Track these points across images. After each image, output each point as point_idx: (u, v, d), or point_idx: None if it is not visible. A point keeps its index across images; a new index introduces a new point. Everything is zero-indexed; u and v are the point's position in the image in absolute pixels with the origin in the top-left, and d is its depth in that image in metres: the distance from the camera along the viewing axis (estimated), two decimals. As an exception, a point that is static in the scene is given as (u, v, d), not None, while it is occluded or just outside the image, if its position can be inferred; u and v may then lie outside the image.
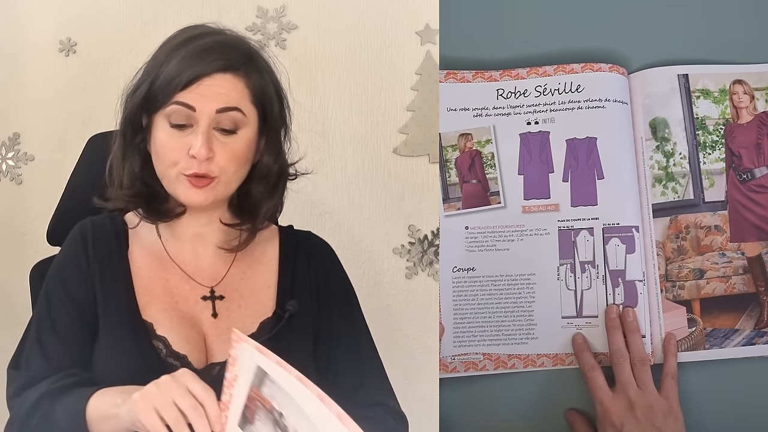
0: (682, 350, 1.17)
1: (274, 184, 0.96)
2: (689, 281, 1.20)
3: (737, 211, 1.22)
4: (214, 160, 0.89)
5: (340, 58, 1.38)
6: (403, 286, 1.36)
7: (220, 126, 0.90)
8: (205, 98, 0.89)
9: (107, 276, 0.95)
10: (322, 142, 1.38)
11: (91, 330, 0.93)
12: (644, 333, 1.16)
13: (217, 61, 0.89)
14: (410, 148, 1.35)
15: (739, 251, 1.22)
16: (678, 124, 1.23)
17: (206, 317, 0.95)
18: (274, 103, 0.95)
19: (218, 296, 0.96)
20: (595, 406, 1.12)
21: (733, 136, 1.24)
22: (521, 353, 1.15)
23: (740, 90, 1.24)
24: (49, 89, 1.47)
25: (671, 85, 1.23)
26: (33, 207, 1.47)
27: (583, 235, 1.18)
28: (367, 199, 1.37)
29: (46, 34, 1.48)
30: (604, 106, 1.20)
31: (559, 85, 1.21)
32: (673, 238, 1.21)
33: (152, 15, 1.43)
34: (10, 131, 1.50)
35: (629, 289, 1.17)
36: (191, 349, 0.93)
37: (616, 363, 1.12)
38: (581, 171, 1.19)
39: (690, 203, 1.22)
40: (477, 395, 1.14)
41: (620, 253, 1.18)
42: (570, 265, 1.17)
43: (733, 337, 1.19)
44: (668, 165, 1.22)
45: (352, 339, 1.00)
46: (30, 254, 1.36)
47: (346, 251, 1.35)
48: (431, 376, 1.19)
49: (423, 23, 1.35)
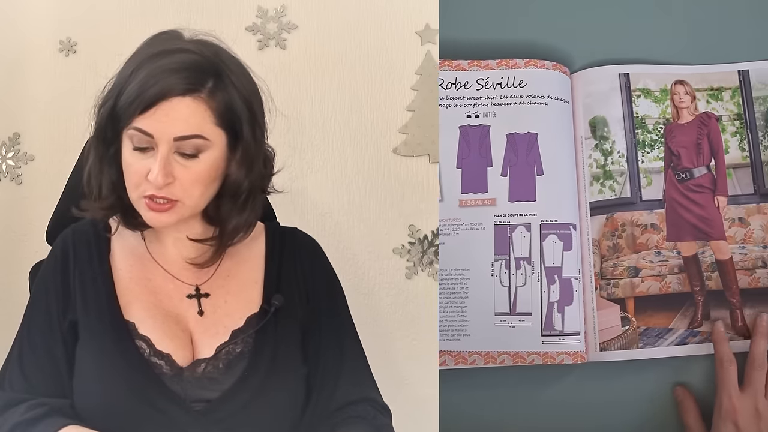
0: (614, 349, 1.17)
1: (244, 200, 0.94)
2: (624, 279, 1.20)
3: (675, 210, 1.22)
4: (175, 184, 0.88)
5: (340, 58, 1.38)
6: (403, 286, 1.36)
7: (181, 150, 0.88)
8: (163, 125, 0.87)
9: (87, 280, 0.95)
10: (322, 142, 1.38)
11: (71, 348, 0.93)
12: (578, 331, 1.15)
13: (178, 85, 0.86)
14: (410, 148, 1.35)
15: (675, 250, 1.22)
16: (617, 123, 1.23)
17: (192, 314, 0.95)
18: (244, 119, 0.92)
19: (204, 293, 0.96)
20: (720, 398, 1.12)
21: (673, 136, 1.24)
22: (453, 350, 1.15)
23: (681, 90, 1.25)
24: (49, 89, 1.47)
25: (612, 84, 1.24)
26: (33, 207, 1.47)
27: (520, 231, 1.17)
28: (367, 199, 1.37)
29: (46, 34, 1.47)
30: (546, 102, 1.20)
31: (502, 79, 1.21)
32: (609, 235, 1.21)
33: (153, 15, 1.42)
34: (10, 131, 1.49)
35: (565, 286, 1.16)
36: (175, 347, 0.92)
37: (755, 368, 1.13)
38: (521, 166, 1.19)
39: (627, 201, 1.22)
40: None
41: (557, 250, 1.17)
42: (505, 261, 1.17)
43: (666, 336, 1.19)
44: (606, 163, 1.22)
45: (337, 333, 1.01)
46: (30, 254, 1.36)
47: (346, 251, 1.35)
48: (431, 376, 1.19)
49: (423, 23, 1.35)
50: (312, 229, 1.08)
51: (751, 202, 1.23)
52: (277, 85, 1.38)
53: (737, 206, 1.23)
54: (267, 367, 0.93)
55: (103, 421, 0.88)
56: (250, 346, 0.94)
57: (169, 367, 0.91)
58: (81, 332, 0.93)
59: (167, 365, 0.91)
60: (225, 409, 0.91)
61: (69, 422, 0.87)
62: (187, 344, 0.94)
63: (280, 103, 1.38)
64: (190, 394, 0.91)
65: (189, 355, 0.93)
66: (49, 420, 0.87)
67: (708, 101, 1.25)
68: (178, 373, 0.91)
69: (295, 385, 0.96)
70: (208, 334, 0.94)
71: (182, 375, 0.91)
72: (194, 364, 0.93)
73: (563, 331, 1.14)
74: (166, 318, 0.94)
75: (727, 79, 1.26)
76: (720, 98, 1.25)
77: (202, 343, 0.94)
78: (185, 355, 0.93)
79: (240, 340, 0.94)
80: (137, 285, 0.96)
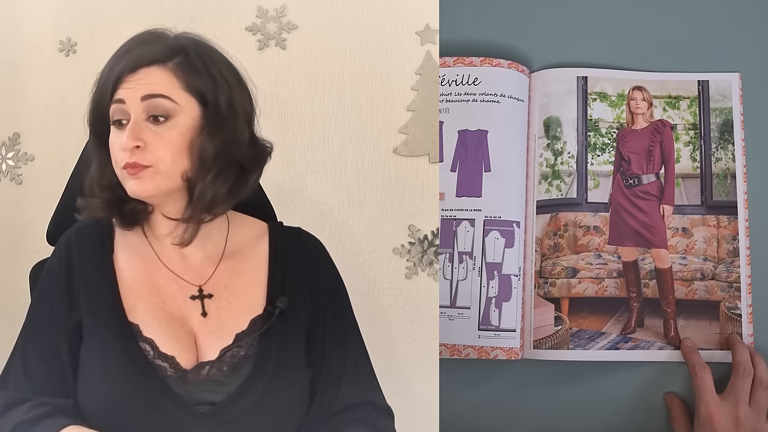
0: (545, 348, 1.18)
1: (209, 169, 0.93)
2: (561, 279, 1.21)
3: (619, 214, 1.22)
4: (147, 149, 0.90)
5: (340, 58, 1.38)
6: (403, 286, 1.36)
7: (150, 114, 0.91)
8: (131, 90, 0.91)
9: (91, 280, 0.95)
10: (322, 142, 1.38)
11: (76, 348, 0.93)
12: (514, 327, 1.16)
13: (142, 56, 0.92)
14: (410, 148, 1.35)
15: (615, 254, 1.22)
16: (570, 124, 1.24)
17: (195, 316, 0.95)
18: (219, 90, 0.94)
19: (207, 295, 0.96)
20: (698, 405, 1.12)
21: (625, 141, 1.24)
22: None
23: (639, 96, 1.25)
24: (49, 89, 1.47)
25: (569, 86, 1.24)
26: (33, 207, 1.47)
27: (464, 226, 1.18)
28: (367, 199, 1.37)
29: (46, 34, 1.48)
30: (498, 101, 1.21)
31: (457, 76, 1.22)
32: (551, 234, 1.21)
33: (153, 15, 1.42)
34: (10, 131, 1.49)
35: (504, 282, 1.17)
36: (179, 349, 0.92)
37: (740, 375, 1.12)
38: (469, 162, 1.20)
39: (572, 202, 1.23)
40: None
41: (498, 246, 1.18)
42: (449, 255, 1.18)
43: (598, 339, 1.19)
44: (556, 163, 1.23)
45: (341, 335, 1.00)
46: (30, 254, 1.36)
47: (346, 251, 1.35)
48: (431, 376, 1.19)
49: (423, 23, 1.35)
50: (312, 229, 1.08)
51: (697, 213, 1.23)
52: (277, 85, 1.38)
53: (682, 216, 1.23)
54: (272, 370, 0.93)
55: (107, 421, 0.88)
56: (254, 349, 0.94)
57: (173, 369, 0.91)
58: (85, 332, 0.93)
59: (171, 367, 0.91)
60: (230, 411, 0.90)
61: (71, 422, 0.86)
62: (192, 347, 0.93)
63: (281, 103, 1.39)
64: (195, 397, 0.90)
65: (193, 357, 0.93)
66: (51, 420, 0.87)
67: (665, 109, 1.25)
68: (182, 375, 0.91)
69: (300, 388, 0.95)
70: (212, 337, 0.94)
71: (186, 378, 0.91)
72: (198, 366, 0.92)
73: (499, 326, 1.15)
74: (170, 320, 0.94)
75: (686, 88, 1.26)
76: (677, 107, 1.25)
77: (206, 345, 0.94)
78: (189, 357, 0.93)
79: (244, 343, 0.94)
80: (141, 286, 0.96)
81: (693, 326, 1.20)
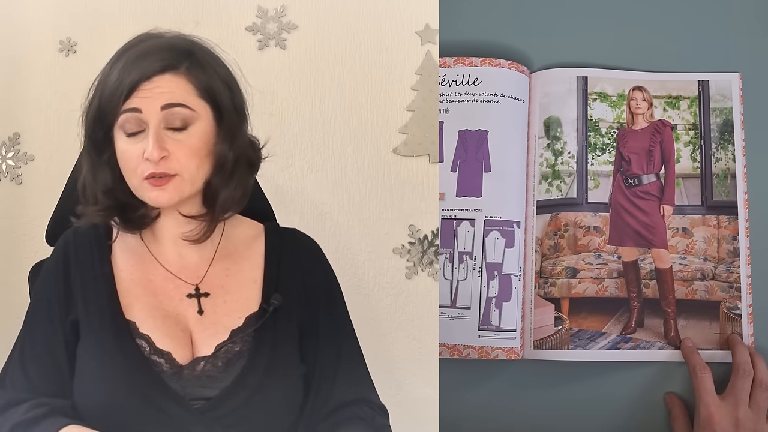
0: (545, 348, 1.18)
1: (230, 173, 0.96)
2: (561, 279, 1.21)
3: (619, 214, 1.22)
4: (171, 158, 0.91)
5: (340, 58, 1.38)
6: (403, 286, 1.36)
7: (170, 125, 0.91)
8: (149, 99, 0.90)
9: (89, 280, 0.96)
10: (322, 142, 1.38)
11: (73, 348, 0.93)
12: (514, 327, 1.16)
13: (155, 64, 0.91)
14: (410, 148, 1.35)
15: (615, 254, 1.22)
16: (570, 124, 1.24)
17: (191, 314, 0.96)
18: (224, 93, 0.95)
19: (203, 293, 0.97)
20: (698, 406, 1.12)
21: (625, 141, 1.24)
22: None
23: (639, 96, 1.25)
24: (49, 89, 1.47)
25: (569, 86, 1.24)
26: (33, 207, 1.47)
27: (465, 226, 1.19)
28: (367, 199, 1.37)
29: (46, 34, 1.47)
30: (498, 101, 1.21)
31: (458, 76, 1.23)
32: (551, 234, 1.21)
33: (153, 15, 1.42)
34: (10, 131, 1.49)
35: (504, 282, 1.17)
36: (175, 345, 0.93)
37: (740, 376, 1.12)
38: (470, 162, 1.20)
39: (572, 202, 1.23)
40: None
41: (499, 246, 1.18)
42: (449, 255, 1.18)
43: (598, 340, 1.19)
44: (556, 163, 1.23)
45: (335, 334, 1.01)
46: (30, 254, 1.36)
47: (346, 251, 1.35)
48: (431, 376, 1.19)
49: (423, 23, 1.35)
50: (312, 229, 1.08)
51: (697, 213, 1.23)
52: (278, 85, 1.38)
53: (683, 216, 1.23)
54: (265, 366, 0.94)
55: (104, 419, 0.89)
56: (248, 345, 0.95)
57: (169, 365, 0.92)
58: (82, 332, 0.94)
59: (167, 363, 0.92)
60: (224, 407, 0.92)
61: (70, 422, 0.87)
62: (187, 343, 0.95)
63: (281, 102, 1.39)
64: (190, 392, 0.92)
65: (189, 353, 0.94)
66: (50, 420, 0.87)
67: (665, 109, 1.25)
68: (177, 371, 0.92)
69: (293, 384, 0.96)
70: (207, 333, 0.95)
71: (182, 373, 0.92)
72: (194, 362, 0.93)
73: (499, 326, 1.16)
74: (166, 318, 0.95)
75: (687, 89, 1.26)
76: (677, 107, 1.25)
77: (201, 341, 0.95)
78: (185, 353, 0.94)
79: (239, 339, 0.95)
80: (138, 286, 0.97)
81: (693, 326, 1.20)
